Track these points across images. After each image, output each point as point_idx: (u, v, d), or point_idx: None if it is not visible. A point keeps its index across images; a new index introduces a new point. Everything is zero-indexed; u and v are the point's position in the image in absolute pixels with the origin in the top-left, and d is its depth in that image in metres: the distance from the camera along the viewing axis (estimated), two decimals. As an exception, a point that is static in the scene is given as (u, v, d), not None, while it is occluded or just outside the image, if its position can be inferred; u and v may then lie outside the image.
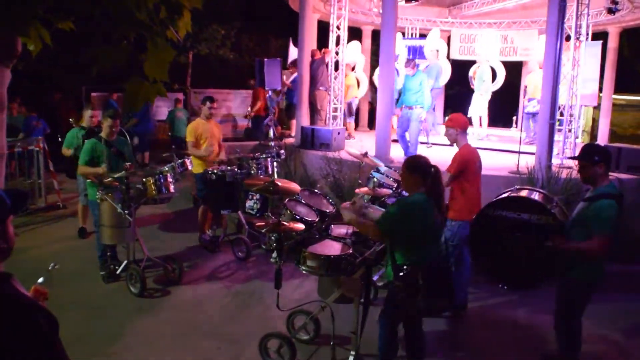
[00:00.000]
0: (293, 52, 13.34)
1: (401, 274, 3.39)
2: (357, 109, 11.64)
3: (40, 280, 2.15)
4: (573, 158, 4.45)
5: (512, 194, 5.76)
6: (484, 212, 5.42)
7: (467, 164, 4.77)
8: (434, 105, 11.35)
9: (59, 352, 1.56)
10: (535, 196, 5.68)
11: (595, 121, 14.65)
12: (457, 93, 17.25)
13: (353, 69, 12.16)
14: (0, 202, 1.58)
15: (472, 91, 11.80)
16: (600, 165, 3.63)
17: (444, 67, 12.12)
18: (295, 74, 12.00)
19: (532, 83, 10.58)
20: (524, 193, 5.79)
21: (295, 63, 11.94)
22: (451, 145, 5.03)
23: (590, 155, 3.69)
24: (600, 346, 4.43)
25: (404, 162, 3.69)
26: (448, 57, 13.16)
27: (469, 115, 10.79)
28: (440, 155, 8.00)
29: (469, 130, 8.28)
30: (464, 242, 4.89)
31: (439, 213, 3.56)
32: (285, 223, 4.01)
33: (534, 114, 10.40)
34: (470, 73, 12.56)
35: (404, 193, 4.75)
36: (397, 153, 8.89)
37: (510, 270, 5.59)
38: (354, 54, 12.39)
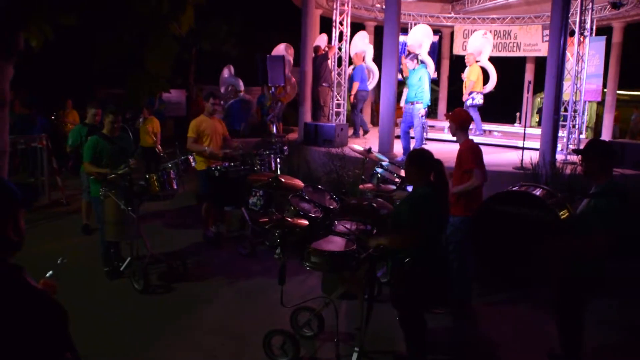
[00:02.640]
0: (229, 80, 13.18)
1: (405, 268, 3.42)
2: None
3: (49, 274, 2.18)
4: (575, 151, 4.44)
5: (513, 189, 5.73)
6: (485, 207, 5.39)
7: (480, 155, 4.75)
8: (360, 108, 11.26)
9: (68, 343, 1.58)
10: (537, 192, 5.65)
11: (599, 117, 14.60)
12: (458, 89, 17.17)
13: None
14: (11, 195, 1.58)
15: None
16: (596, 161, 3.59)
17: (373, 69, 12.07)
18: (234, 100, 12.00)
19: (471, 77, 10.57)
20: (526, 188, 5.76)
21: (235, 87, 11.81)
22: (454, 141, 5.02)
23: (587, 150, 3.66)
24: (602, 343, 4.40)
25: (408, 156, 3.73)
26: (451, 52, 13.07)
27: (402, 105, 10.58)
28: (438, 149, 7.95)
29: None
30: (466, 238, 4.87)
31: (444, 206, 3.59)
32: (289, 219, 4.00)
33: (475, 107, 10.59)
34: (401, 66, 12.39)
35: (408, 188, 4.73)
36: (401, 149, 8.86)
37: (512, 266, 5.56)
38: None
